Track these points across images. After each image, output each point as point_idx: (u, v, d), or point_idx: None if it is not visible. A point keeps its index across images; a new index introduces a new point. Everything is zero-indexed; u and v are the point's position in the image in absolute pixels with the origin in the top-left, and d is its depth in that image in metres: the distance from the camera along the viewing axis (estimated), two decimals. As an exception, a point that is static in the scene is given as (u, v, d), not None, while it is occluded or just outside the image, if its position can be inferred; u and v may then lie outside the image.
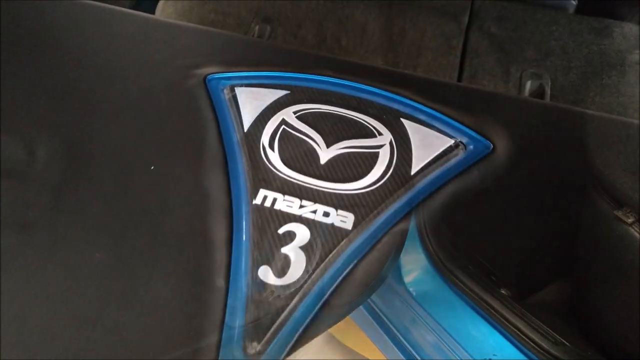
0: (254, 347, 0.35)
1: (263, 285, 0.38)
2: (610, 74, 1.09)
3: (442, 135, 0.47)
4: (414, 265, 0.39)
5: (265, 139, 0.46)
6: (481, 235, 0.41)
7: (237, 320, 0.36)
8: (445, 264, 0.38)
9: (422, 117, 0.48)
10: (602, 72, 1.09)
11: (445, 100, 0.49)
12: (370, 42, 1.11)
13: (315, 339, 0.35)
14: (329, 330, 0.35)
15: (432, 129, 0.47)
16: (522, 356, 0.34)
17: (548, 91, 0.94)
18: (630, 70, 1.09)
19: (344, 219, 0.41)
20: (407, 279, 0.38)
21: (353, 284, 0.38)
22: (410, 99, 0.49)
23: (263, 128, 0.46)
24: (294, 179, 0.43)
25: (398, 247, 0.40)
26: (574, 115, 0.51)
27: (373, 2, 1.17)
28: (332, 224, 0.41)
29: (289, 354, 0.35)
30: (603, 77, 1.08)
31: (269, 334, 0.36)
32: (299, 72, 0.51)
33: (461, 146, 0.46)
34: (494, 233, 0.41)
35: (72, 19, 0.55)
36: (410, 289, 0.37)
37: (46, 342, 0.35)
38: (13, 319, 0.36)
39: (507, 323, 0.34)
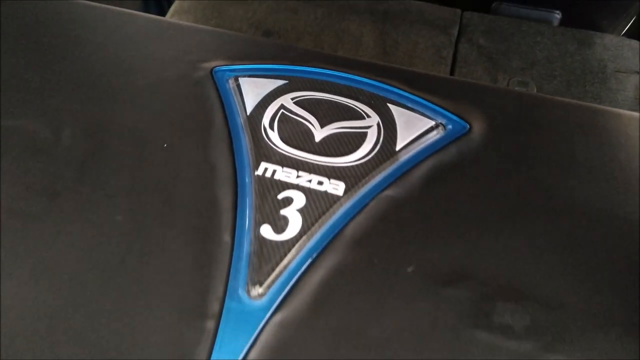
0: (256, 290, 0.41)
1: (264, 240, 0.43)
2: (592, 82, 1.16)
3: (423, 117, 0.53)
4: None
5: (265, 120, 0.52)
6: (454, 204, 0.47)
7: (241, 269, 0.42)
8: None
9: (406, 102, 0.54)
10: (585, 80, 1.17)
11: (427, 88, 0.56)
12: (365, 53, 1.18)
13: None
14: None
15: (415, 112, 0.54)
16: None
17: None
18: (611, 77, 1.17)
19: (335, 187, 0.47)
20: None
21: (343, 240, 0.44)
22: (396, 87, 0.56)
23: (264, 112, 0.53)
24: (292, 154, 0.49)
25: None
26: (546, 101, 0.57)
27: (368, 16, 1.25)
28: (326, 191, 0.47)
29: (286, 296, 0.40)
30: (585, 85, 1.16)
31: (269, 280, 0.41)
32: (296, 65, 0.57)
33: (441, 127, 0.53)
34: (464, 202, 0.47)
35: (92, 20, 0.62)
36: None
37: (76, 288, 0.40)
38: (46, 269, 0.41)
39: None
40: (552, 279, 0.42)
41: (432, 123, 0.53)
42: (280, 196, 0.46)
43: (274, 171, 0.48)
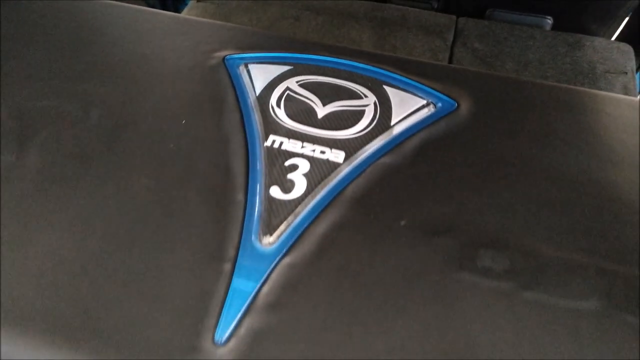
0: (267, 239, 0.47)
1: (273, 199, 0.50)
2: (582, 82, 1.23)
3: (416, 97, 0.60)
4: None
5: (273, 100, 0.59)
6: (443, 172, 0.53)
7: (254, 222, 0.48)
8: None
9: (400, 84, 0.61)
10: (575, 81, 1.23)
11: (419, 72, 0.62)
12: (364, 56, 1.25)
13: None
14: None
15: (408, 92, 0.60)
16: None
17: None
18: (601, 78, 1.23)
19: (337, 155, 0.53)
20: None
21: (343, 200, 0.50)
22: (391, 72, 0.62)
23: (271, 93, 0.59)
24: (297, 128, 0.56)
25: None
26: (527, 83, 0.64)
27: (367, 23, 1.32)
28: (327, 159, 0.53)
29: (293, 244, 0.46)
30: (576, 85, 1.22)
31: (278, 231, 0.47)
32: (301, 53, 0.64)
33: (431, 105, 0.59)
34: (451, 168, 0.53)
35: (116, 17, 0.69)
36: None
37: (108, 237, 0.46)
38: (81, 222, 0.47)
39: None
40: (528, 230, 0.48)
41: (424, 102, 0.60)
42: (287, 163, 0.53)
43: (281, 142, 0.55)
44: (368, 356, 0.40)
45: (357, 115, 0.58)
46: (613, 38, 1.44)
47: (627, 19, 1.50)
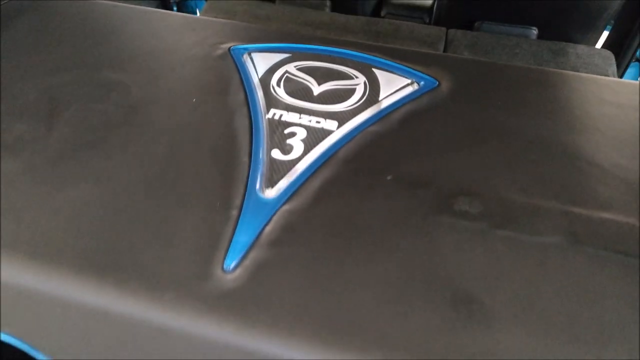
0: (269, 191, 0.53)
1: (274, 160, 0.57)
2: (566, 85, 1.30)
3: (401, 77, 0.67)
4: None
5: (273, 81, 0.66)
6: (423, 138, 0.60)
7: (257, 178, 0.54)
8: None
9: (387, 67, 0.69)
10: (560, 84, 1.31)
11: (404, 58, 0.70)
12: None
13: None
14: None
15: (394, 74, 0.68)
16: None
17: None
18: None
19: (330, 124, 0.61)
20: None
21: (335, 160, 0.57)
22: (379, 57, 0.70)
23: (272, 75, 0.67)
24: (295, 103, 0.63)
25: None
26: (502, 66, 0.72)
27: (362, 35, 1.41)
28: (322, 127, 0.60)
29: (292, 195, 0.53)
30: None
31: (278, 185, 0.54)
32: (298, 44, 0.72)
33: (415, 83, 0.67)
34: (432, 133, 0.60)
35: (132, 18, 0.77)
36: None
37: (127, 194, 0.53)
38: (104, 181, 0.54)
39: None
40: (500, 182, 0.55)
41: (408, 81, 0.67)
42: (286, 131, 0.60)
43: (281, 115, 0.62)
44: (357, 284, 0.46)
45: (349, 93, 0.65)
46: (596, 46, 1.52)
47: (608, 29, 1.59)
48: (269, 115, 0.62)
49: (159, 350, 0.45)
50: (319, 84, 0.67)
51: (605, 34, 1.63)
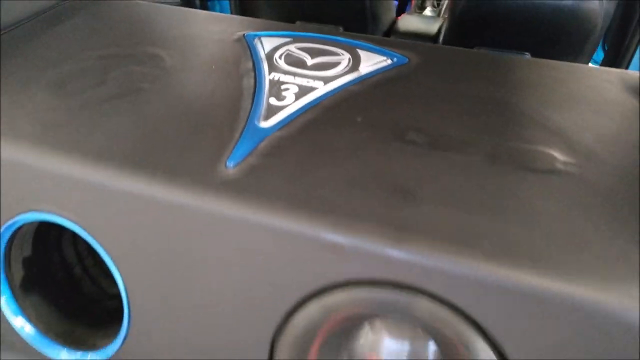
0: (266, 122, 0.72)
1: (271, 104, 0.75)
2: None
3: (379, 55, 0.86)
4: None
5: (276, 56, 0.86)
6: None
7: (256, 115, 0.73)
8: None
9: (368, 49, 0.88)
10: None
11: (384, 43, 0.89)
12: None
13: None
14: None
15: (373, 53, 0.87)
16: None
17: None
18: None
19: (318, 84, 0.79)
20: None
21: (319, 106, 0.75)
22: (363, 42, 0.90)
23: (276, 52, 0.87)
24: (292, 70, 0.83)
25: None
26: (465, 51, 0.90)
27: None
28: (311, 86, 0.79)
29: (283, 126, 0.71)
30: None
31: (273, 119, 0.72)
32: (298, 32, 0.92)
33: (389, 59, 0.85)
34: (401, 93, 0.78)
35: (164, 14, 0.99)
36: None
37: (159, 123, 0.72)
38: (142, 115, 0.74)
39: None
40: (446, 124, 0.72)
41: (384, 58, 0.86)
42: (282, 87, 0.79)
43: (280, 77, 0.81)
44: (326, 179, 0.63)
45: (335, 64, 0.85)
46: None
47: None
48: (270, 77, 0.81)
49: (177, 223, 0.63)
50: (312, 58, 0.86)
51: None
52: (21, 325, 0.80)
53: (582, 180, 0.63)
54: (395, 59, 0.86)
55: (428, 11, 2.39)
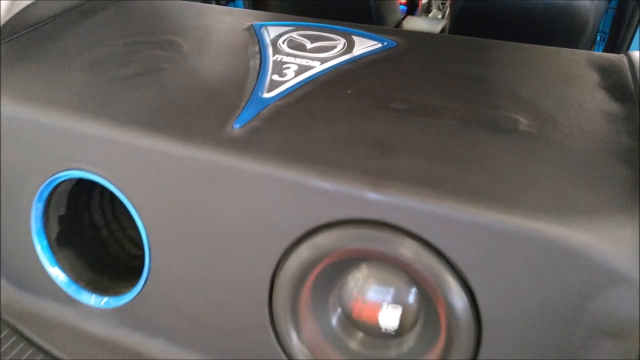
0: (268, 94, 0.83)
1: (273, 80, 0.87)
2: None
3: (371, 40, 0.98)
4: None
5: (280, 41, 0.98)
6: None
7: (260, 88, 0.85)
8: None
9: (362, 35, 0.99)
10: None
11: (376, 30, 1.01)
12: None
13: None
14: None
15: (366, 38, 0.98)
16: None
17: None
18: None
19: (315, 63, 0.91)
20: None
21: (316, 81, 0.86)
22: (357, 30, 1.01)
23: (279, 38, 0.99)
24: (293, 52, 0.94)
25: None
26: (445, 36, 1.01)
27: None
28: (309, 64, 0.91)
29: (283, 97, 0.83)
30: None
31: (274, 90, 0.84)
32: (302, 22, 1.04)
33: (380, 44, 0.97)
34: (388, 70, 0.90)
35: (185, 8, 1.12)
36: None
37: (176, 91, 0.84)
38: (162, 87, 0.86)
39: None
40: (425, 95, 0.83)
41: (376, 42, 0.97)
42: (284, 66, 0.91)
43: (282, 58, 0.93)
44: (318, 136, 0.74)
45: (332, 47, 0.96)
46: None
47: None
48: (274, 58, 0.93)
49: (191, 175, 0.74)
50: (311, 42, 0.98)
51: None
52: (56, 274, 0.93)
53: (539, 138, 0.73)
54: (385, 43, 0.97)
55: (434, 14, 2.50)
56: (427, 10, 2.53)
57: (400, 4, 2.60)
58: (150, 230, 0.81)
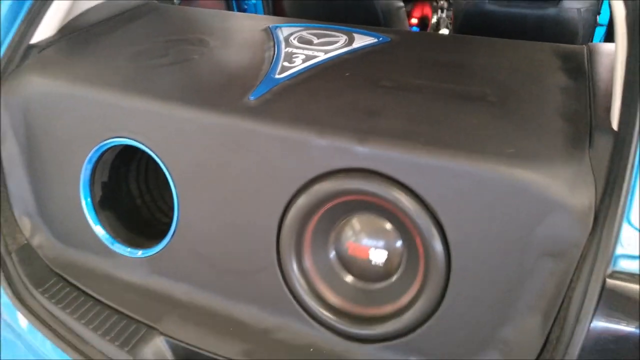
0: (278, 75, 1.01)
1: (284, 66, 1.05)
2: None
3: (368, 36, 1.16)
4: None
5: (291, 37, 1.17)
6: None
7: (273, 71, 1.03)
8: None
9: (361, 33, 1.18)
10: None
11: (374, 29, 1.19)
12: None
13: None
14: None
15: (364, 35, 1.17)
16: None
17: None
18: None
19: (320, 53, 1.09)
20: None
21: (319, 68, 1.04)
22: (359, 29, 1.20)
23: (292, 35, 1.18)
24: (302, 46, 1.13)
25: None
26: (435, 34, 1.18)
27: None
28: (314, 55, 1.09)
29: (293, 78, 1.00)
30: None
31: (285, 72, 1.02)
32: (310, 24, 1.23)
33: (376, 39, 1.15)
34: (380, 59, 1.07)
35: (213, 15, 1.33)
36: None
37: (203, 76, 1.03)
38: (189, 71, 1.05)
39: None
40: (410, 76, 1.00)
41: (372, 38, 1.15)
42: (293, 56, 1.09)
43: (292, 50, 1.11)
44: (323, 107, 0.91)
45: (335, 42, 1.14)
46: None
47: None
48: (286, 50, 1.12)
49: (216, 138, 0.92)
50: (319, 38, 1.16)
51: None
52: (99, 231, 1.10)
53: (502, 105, 0.89)
54: (380, 39, 1.15)
55: (442, 32, 2.69)
56: (437, 29, 2.72)
57: (411, 25, 2.80)
58: (180, 187, 0.98)
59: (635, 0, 0.76)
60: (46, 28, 1.17)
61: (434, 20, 2.78)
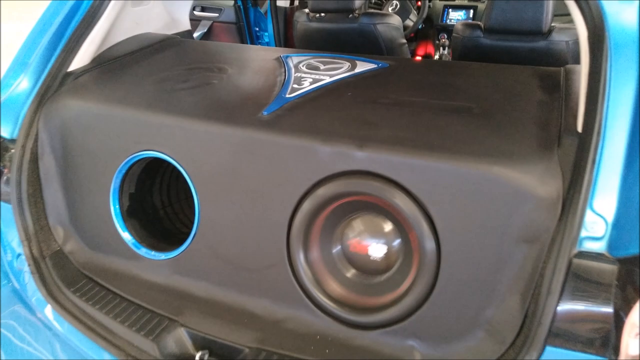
0: (288, 95, 1.16)
1: (294, 87, 1.20)
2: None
3: (369, 63, 1.31)
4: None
5: (301, 65, 1.33)
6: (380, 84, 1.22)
7: (284, 91, 1.18)
8: None
9: (363, 60, 1.33)
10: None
11: (374, 57, 1.35)
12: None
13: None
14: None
15: (365, 62, 1.32)
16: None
17: None
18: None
19: (325, 77, 1.24)
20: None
21: (325, 89, 1.19)
22: (361, 57, 1.35)
23: (301, 62, 1.34)
24: (310, 72, 1.28)
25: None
26: (431, 60, 1.33)
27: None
28: (320, 78, 1.24)
29: (302, 96, 1.15)
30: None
31: (295, 92, 1.17)
32: (318, 53, 1.39)
33: (376, 65, 1.30)
34: (379, 82, 1.22)
35: (230, 47, 1.50)
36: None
37: (220, 96, 1.18)
38: (209, 92, 1.20)
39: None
40: (406, 96, 1.14)
41: (372, 64, 1.31)
42: (302, 79, 1.24)
43: (302, 75, 1.27)
44: (327, 119, 1.05)
45: (339, 68, 1.30)
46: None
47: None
48: (295, 75, 1.27)
49: (233, 149, 1.06)
50: (325, 65, 1.32)
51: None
52: (126, 237, 1.23)
53: (486, 116, 1.02)
54: (380, 64, 1.30)
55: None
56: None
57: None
58: (201, 193, 1.11)
59: (594, 22, 0.91)
60: (81, 58, 1.34)
61: (436, 57, 2.96)
